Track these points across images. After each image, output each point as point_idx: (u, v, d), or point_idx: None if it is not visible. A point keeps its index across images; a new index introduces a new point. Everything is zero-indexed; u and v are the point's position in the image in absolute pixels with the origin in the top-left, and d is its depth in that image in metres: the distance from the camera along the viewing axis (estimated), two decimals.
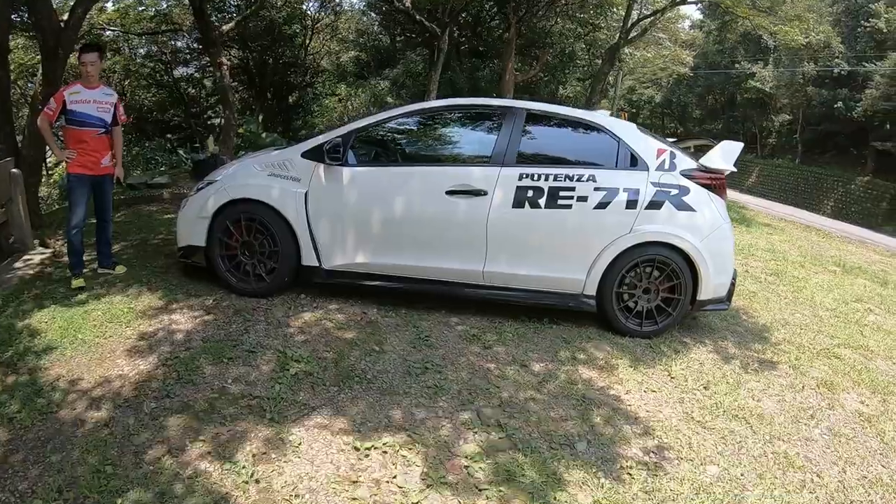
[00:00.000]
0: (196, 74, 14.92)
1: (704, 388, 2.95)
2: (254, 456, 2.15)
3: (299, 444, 2.24)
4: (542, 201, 3.19)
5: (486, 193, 3.19)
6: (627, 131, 3.35)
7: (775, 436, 2.60)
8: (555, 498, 2.08)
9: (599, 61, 13.85)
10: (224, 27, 9.26)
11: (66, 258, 3.79)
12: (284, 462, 2.14)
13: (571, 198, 3.19)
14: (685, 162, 3.32)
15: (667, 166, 3.27)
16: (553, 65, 14.31)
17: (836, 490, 2.30)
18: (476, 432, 2.42)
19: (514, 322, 3.43)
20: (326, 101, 16.02)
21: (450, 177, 3.26)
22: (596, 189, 3.20)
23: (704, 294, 3.31)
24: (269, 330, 3.08)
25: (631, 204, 3.20)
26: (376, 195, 3.31)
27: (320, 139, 3.40)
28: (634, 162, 3.27)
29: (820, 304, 4.43)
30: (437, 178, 3.26)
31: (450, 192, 3.21)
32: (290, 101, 15.17)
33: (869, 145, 20.29)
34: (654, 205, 3.20)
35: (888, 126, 17.37)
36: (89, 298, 3.37)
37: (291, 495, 1.98)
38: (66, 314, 3.15)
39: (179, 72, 14.95)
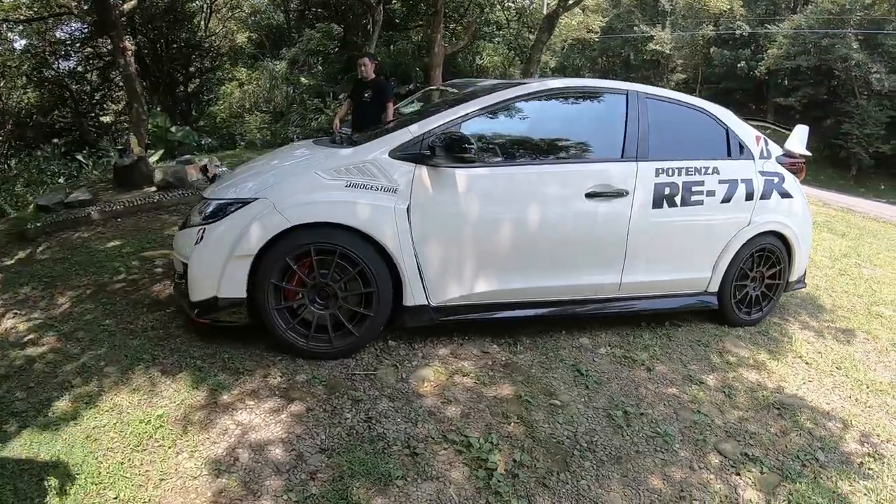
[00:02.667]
0: (79, 68, 13.44)
1: (837, 368, 3.18)
2: None
3: None
4: (677, 199, 3.00)
5: (627, 194, 2.87)
6: (730, 117, 3.33)
7: None
8: None
9: (527, 30, 13.89)
10: (125, 6, 8.13)
11: None
12: None
13: (702, 192, 3.07)
14: (775, 148, 3.45)
15: (765, 153, 3.35)
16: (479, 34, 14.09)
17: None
18: (737, 474, 2.24)
19: (639, 332, 3.23)
20: (225, 87, 13.72)
21: (587, 176, 2.83)
22: (720, 182, 3.13)
23: (795, 275, 3.54)
24: (400, 409, 2.32)
25: (749, 196, 3.21)
26: (502, 203, 2.70)
27: (414, 130, 2.64)
28: (741, 150, 3.28)
29: (819, 264, 5.10)
30: (575, 178, 2.81)
31: (589, 195, 2.81)
32: (190, 89, 13.62)
33: (768, 101, 22.50)
34: (765, 195, 3.27)
35: (786, 82, 20.34)
36: (72, 409, 2.20)
37: None
38: (50, 447, 2.00)
39: (61, 66, 13.41)
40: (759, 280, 3.45)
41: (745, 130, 3.34)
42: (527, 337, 3.00)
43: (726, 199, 3.14)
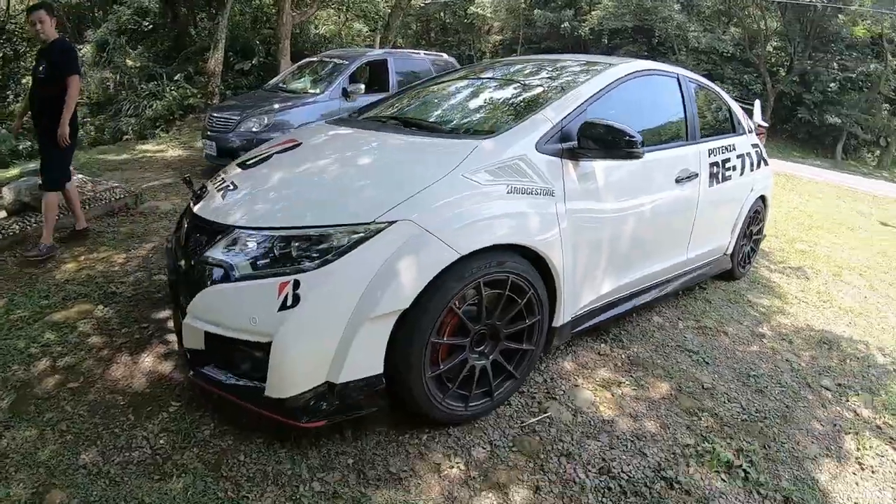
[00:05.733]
0: None
1: (823, 301, 4.05)
2: None
3: None
4: (720, 176, 3.39)
5: (697, 176, 3.14)
6: (727, 95, 3.83)
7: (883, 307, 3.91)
8: None
9: None
10: None
11: None
12: None
13: (731, 168, 3.52)
14: (749, 121, 4.10)
15: (748, 128, 3.96)
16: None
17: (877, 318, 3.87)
18: (847, 400, 2.74)
19: (686, 303, 3.63)
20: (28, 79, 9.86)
21: (675, 160, 2.97)
22: (737, 157, 3.62)
23: (765, 229, 4.32)
24: (612, 444, 2.14)
25: (752, 167, 3.79)
26: (628, 195, 2.64)
27: (551, 118, 2.33)
28: (740, 126, 3.82)
29: None
30: (668, 164, 2.93)
31: (678, 180, 2.98)
32: None
33: None
34: (757, 164, 3.89)
35: (605, 41, 21.16)
36: None
37: None
38: None
39: None
40: (749, 237, 4.12)
41: (737, 108, 3.89)
42: (613, 330, 3.10)
43: (741, 172, 3.66)
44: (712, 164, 3.30)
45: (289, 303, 1.71)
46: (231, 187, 2.19)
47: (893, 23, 16.59)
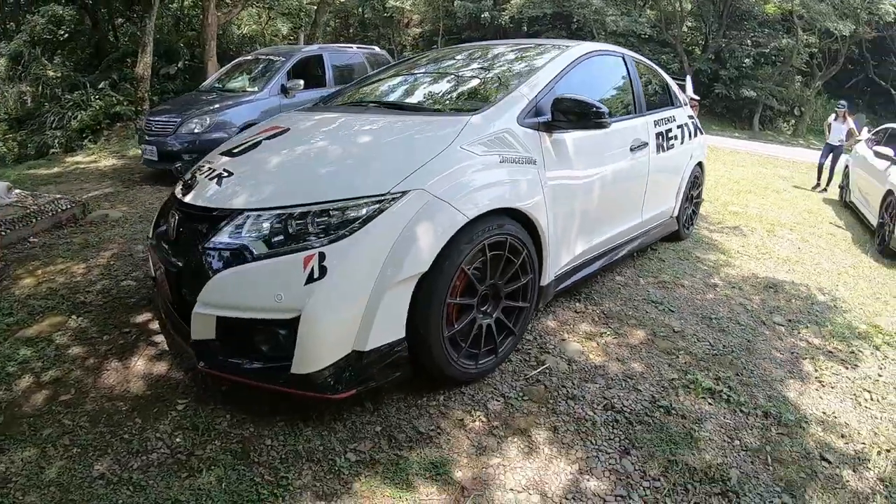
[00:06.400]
0: None
1: (763, 253, 4.50)
2: None
3: None
4: (665, 145, 3.72)
5: (647, 145, 3.44)
6: (663, 71, 4.19)
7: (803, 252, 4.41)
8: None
9: None
10: None
11: None
12: None
13: (673, 137, 3.86)
14: (683, 95, 4.50)
15: (683, 101, 4.36)
16: None
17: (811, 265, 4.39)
18: (798, 332, 3.11)
19: (642, 262, 3.94)
20: None
21: (630, 131, 3.24)
22: (677, 127, 3.97)
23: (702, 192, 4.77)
24: (609, 385, 2.35)
25: (690, 136, 4.16)
26: (594, 163, 2.88)
27: (527, 94, 2.55)
28: (676, 99, 4.19)
29: None
30: (624, 134, 3.19)
31: (632, 149, 3.25)
32: None
33: None
34: (694, 133, 4.28)
35: (525, 28, 21.70)
36: None
37: None
38: None
39: None
40: (691, 201, 4.53)
41: (672, 82, 4.26)
42: (584, 290, 3.34)
43: (682, 141, 4.02)
44: (658, 135, 3.62)
45: (315, 275, 1.76)
46: (225, 174, 2.19)
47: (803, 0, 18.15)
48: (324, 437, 1.96)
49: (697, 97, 4.86)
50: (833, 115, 8.71)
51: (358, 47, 8.14)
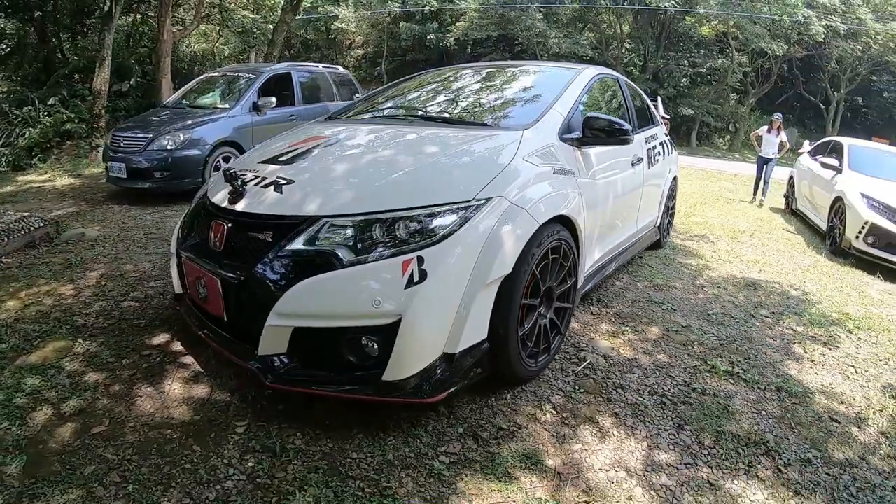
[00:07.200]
0: None
1: (734, 258, 5.03)
2: None
3: None
4: (653, 160, 4.17)
5: (642, 160, 3.86)
6: (643, 93, 4.68)
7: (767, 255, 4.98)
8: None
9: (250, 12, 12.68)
10: None
11: None
12: None
13: (658, 153, 4.33)
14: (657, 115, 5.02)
15: (658, 120, 4.86)
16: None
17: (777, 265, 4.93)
18: (783, 322, 3.57)
19: (635, 268, 4.36)
20: None
21: (630, 147, 3.56)
22: (659, 144, 4.46)
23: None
24: (647, 375, 2.66)
25: (668, 152, 4.66)
26: (609, 176, 3.21)
27: (559, 109, 2.83)
28: (655, 118, 4.68)
29: None
30: (627, 150, 3.53)
31: (632, 163, 3.64)
32: None
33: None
34: (670, 150, 4.79)
35: (469, 50, 22.46)
36: None
37: None
38: None
39: None
40: (668, 211, 5.02)
41: (650, 102, 4.76)
42: (594, 296, 3.67)
43: (663, 157, 4.50)
44: (648, 150, 4.06)
45: (416, 279, 1.82)
46: (283, 181, 2.20)
47: (737, 22, 19.87)
48: (410, 444, 2.01)
49: (668, 116, 5.40)
50: (766, 127, 8.82)
51: (324, 66, 8.39)
